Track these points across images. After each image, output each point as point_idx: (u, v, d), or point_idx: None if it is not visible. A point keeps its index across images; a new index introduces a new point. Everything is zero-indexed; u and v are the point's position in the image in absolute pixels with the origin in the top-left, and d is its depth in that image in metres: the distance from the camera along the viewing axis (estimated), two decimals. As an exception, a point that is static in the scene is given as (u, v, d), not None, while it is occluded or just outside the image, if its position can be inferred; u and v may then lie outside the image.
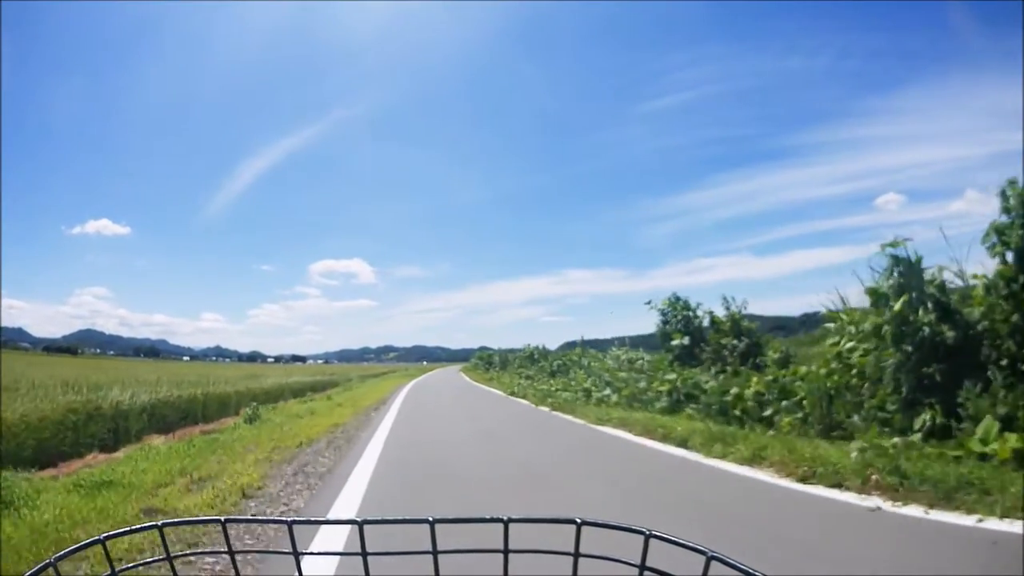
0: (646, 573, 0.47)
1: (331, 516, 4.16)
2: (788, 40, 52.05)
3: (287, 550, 0.53)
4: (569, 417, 11.28)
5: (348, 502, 4.63)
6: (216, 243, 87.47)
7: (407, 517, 0.52)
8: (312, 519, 0.56)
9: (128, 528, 0.54)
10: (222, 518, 0.52)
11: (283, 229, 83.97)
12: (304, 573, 0.53)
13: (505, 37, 56.94)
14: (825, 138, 57.98)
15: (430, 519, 0.50)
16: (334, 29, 58.51)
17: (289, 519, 0.53)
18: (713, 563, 0.44)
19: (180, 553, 0.54)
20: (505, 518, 0.50)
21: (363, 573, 0.52)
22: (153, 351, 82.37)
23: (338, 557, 2.52)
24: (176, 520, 0.53)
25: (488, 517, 0.50)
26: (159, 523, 0.52)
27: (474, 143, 72.25)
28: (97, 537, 0.50)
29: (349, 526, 0.51)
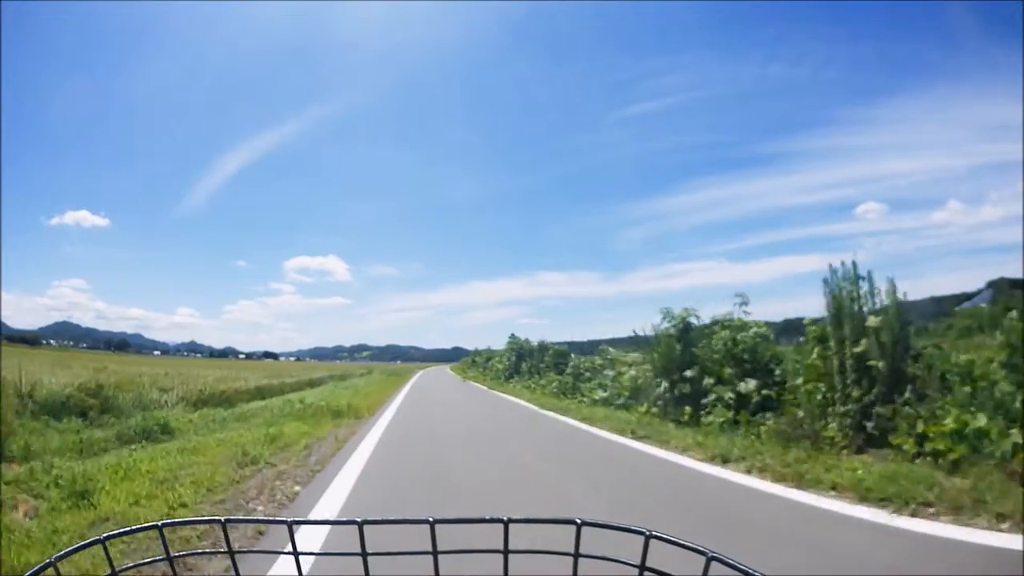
0: (646, 573, 0.47)
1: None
2: (770, 48, 52.89)
3: (287, 550, 0.53)
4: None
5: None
6: (193, 238, 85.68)
7: (407, 517, 0.53)
8: (312, 519, 0.56)
9: (128, 528, 0.53)
10: (222, 518, 0.52)
11: (260, 225, 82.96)
12: (304, 573, 0.53)
13: (486, 40, 56.86)
14: (805, 146, 59.60)
15: (430, 519, 0.50)
16: (313, 27, 57.52)
17: (289, 519, 0.53)
18: (713, 563, 0.45)
19: (180, 553, 0.54)
20: (505, 518, 0.50)
21: (363, 573, 0.52)
22: (124, 344, 79.72)
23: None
24: (176, 520, 0.53)
25: (488, 517, 0.51)
26: (159, 523, 0.51)
27: (450, 144, 72.18)
28: (97, 537, 0.50)
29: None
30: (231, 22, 57.28)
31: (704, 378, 9.16)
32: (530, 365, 21.87)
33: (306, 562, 0.54)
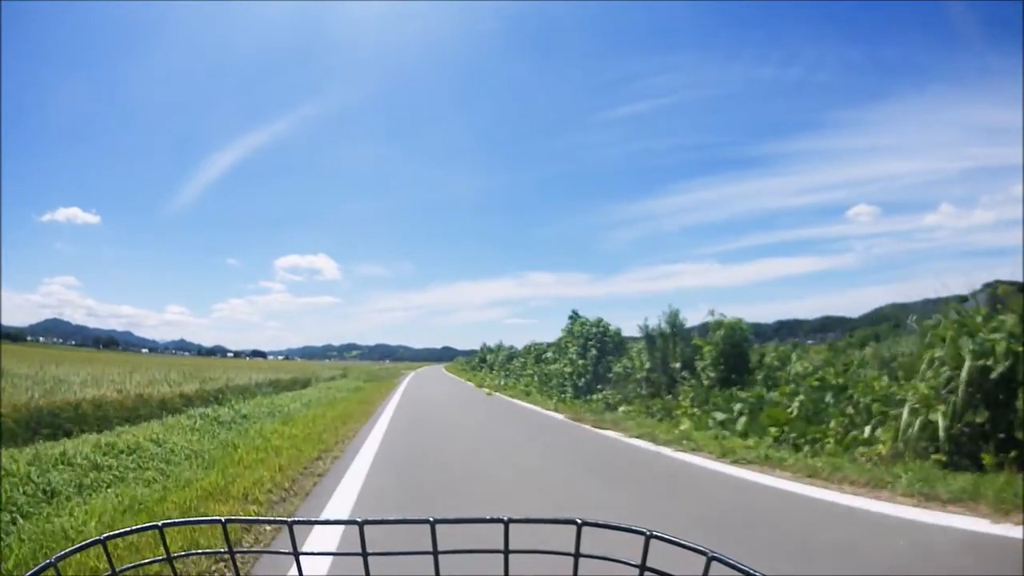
0: (646, 573, 0.47)
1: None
2: (761, 50, 53.40)
3: (287, 550, 0.53)
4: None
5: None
6: (184, 236, 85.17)
7: (407, 518, 0.53)
8: (312, 519, 0.56)
9: (128, 528, 0.53)
10: (222, 518, 0.52)
11: (250, 223, 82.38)
12: (304, 573, 0.54)
13: (477, 41, 56.94)
14: (796, 148, 60.16)
15: (431, 519, 0.50)
16: (305, 27, 57.19)
17: (289, 519, 0.53)
18: (714, 563, 0.45)
19: (180, 553, 0.54)
20: (505, 518, 0.50)
21: (363, 573, 0.53)
22: (112, 342, 78.74)
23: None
24: (176, 520, 0.52)
25: (488, 517, 0.51)
26: (159, 523, 0.51)
27: (441, 144, 72.26)
28: (97, 537, 0.50)
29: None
30: (224, 22, 56.95)
31: None
32: (652, 367, 11.06)
33: (308, 562, 0.54)
